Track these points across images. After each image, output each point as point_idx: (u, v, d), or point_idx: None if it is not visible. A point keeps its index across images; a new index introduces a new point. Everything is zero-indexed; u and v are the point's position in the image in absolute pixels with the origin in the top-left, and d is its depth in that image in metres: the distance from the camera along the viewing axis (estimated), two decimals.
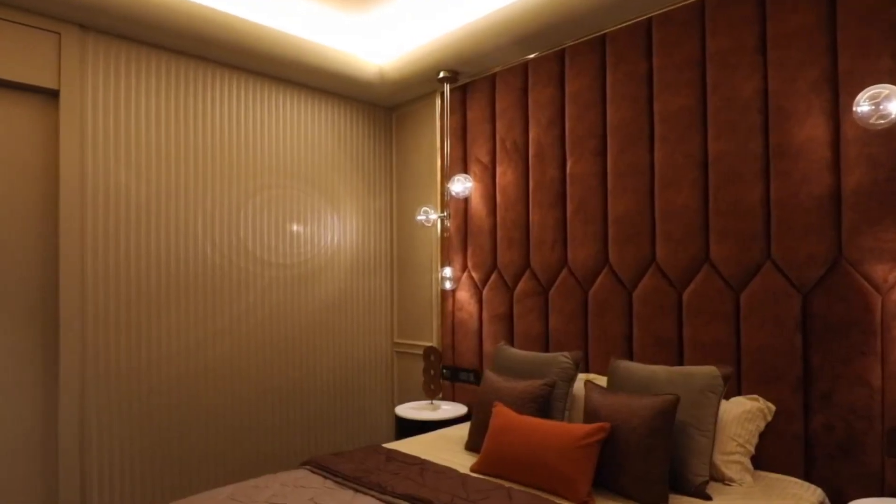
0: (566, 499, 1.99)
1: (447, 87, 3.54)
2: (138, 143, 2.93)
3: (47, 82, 2.68)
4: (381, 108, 4.09)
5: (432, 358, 3.38)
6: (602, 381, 2.66)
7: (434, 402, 3.41)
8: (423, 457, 2.44)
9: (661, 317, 2.63)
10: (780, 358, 2.27)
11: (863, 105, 1.92)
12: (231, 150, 3.29)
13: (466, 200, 3.55)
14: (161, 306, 2.99)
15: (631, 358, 2.73)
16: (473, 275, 3.50)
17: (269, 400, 3.41)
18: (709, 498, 2.01)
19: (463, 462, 2.43)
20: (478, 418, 2.58)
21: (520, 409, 2.42)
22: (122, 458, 2.84)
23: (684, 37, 2.58)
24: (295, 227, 3.58)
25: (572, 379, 2.60)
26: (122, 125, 2.89)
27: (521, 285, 3.23)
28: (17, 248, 2.65)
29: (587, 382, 2.32)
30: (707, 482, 2.05)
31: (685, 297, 2.56)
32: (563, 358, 2.62)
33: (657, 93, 2.67)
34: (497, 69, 3.38)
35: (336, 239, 3.79)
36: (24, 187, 2.68)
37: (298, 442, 3.54)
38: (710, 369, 2.19)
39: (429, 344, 3.75)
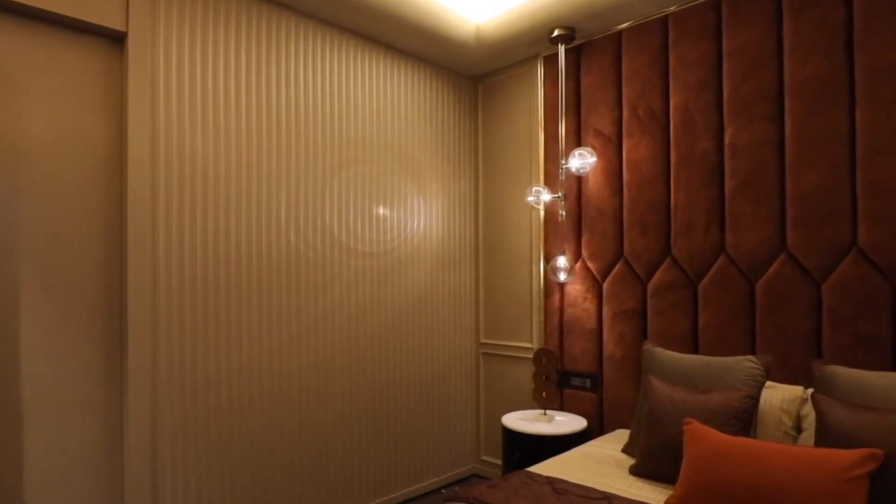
0: None
1: (562, 48, 3.06)
2: (216, 104, 2.42)
3: (112, 22, 2.16)
4: (467, 77, 3.61)
5: (545, 361, 2.90)
6: (787, 390, 2.21)
7: (547, 412, 2.94)
8: (597, 487, 1.97)
9: (865, 312, 2.17)
10: None
11: None
12: (315, 117, 2.78)
13: (580, 179, 3.07)
14: (242, 302, 2.48)
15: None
16: (590, 265, 3.02)
17: (356, 410, 2.91)
18: None
19: (647, 493, 1.96)
20: (653, 437, 2.11)
21: (717, 427, 1.96)
22: (200, 487, 2.33)
23: None
24: (381, 211, 3.08)
25: (761, 389, 2.14)
26: (199, 80, 2.38)
27: (657, 276, 2.76)
28: (75, 231, 2.13)
29: (818, 395, 1.86)
30: None
31: None
32: (750, 363, 2.16)
33: (860, 42, 2.21)
34: (624, 25, 2.90)
35: (422, 225, 3.30)
36: (83, 155, 2.16)
37: (385, 457, 3.04)
38: None
39: (526, 345, 3.28)
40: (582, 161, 2.90)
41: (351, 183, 2.93)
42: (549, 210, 3.19)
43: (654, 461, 2.08)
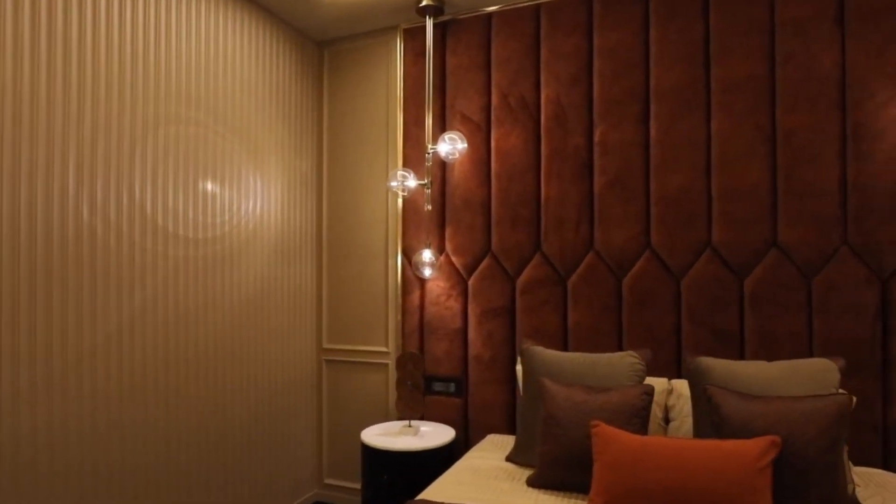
0: None
1: (430, 22, 2.78)
2: None
3: None
4: (311, 41, 3.10)
5: (411, 366, 2.60)
6: (655, 382, 2.29)
7: (412, 423, 2.63)
8: None
9: (719, 307, 2.36)
10: (861, 347, 2.17)
11: None
12: (123, 52, 2.05)
13: (444, 167, 2.84)
14: (2, 306, 1.67)
15: (679, 354, 2.41)
16: (454, 260, 2.81)
17: (174, 443, 2.23)
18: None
19: None
20: (554, 443, 1.95)
21: (621, 427, 1.89)
22: None
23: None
24: (210, 186, 2.43)
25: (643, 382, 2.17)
26: None
27: (527, 273, 2.67)
28: None
29: (711, 388, 1.90)
30: (854, 487, 1.81)
31: (748, 284, 2.32)
32: (632, 358, 2.17)
33: (716, 57, 2.39)
34: (494, 8, 2.76)
35: (258, 207, 2.72)
36: None
37: (212, 497, 2.40)
38: (825, 362, 1.97)
39: (381, 349, 2.94)
40: (452, 146, 2.67)
41: (170, 146, 2.24)
42: (408, 198, 2.89)
43: (557, 469, 1.94)
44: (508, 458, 2.22)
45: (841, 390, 1.90)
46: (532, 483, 1.98)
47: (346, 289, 3.04)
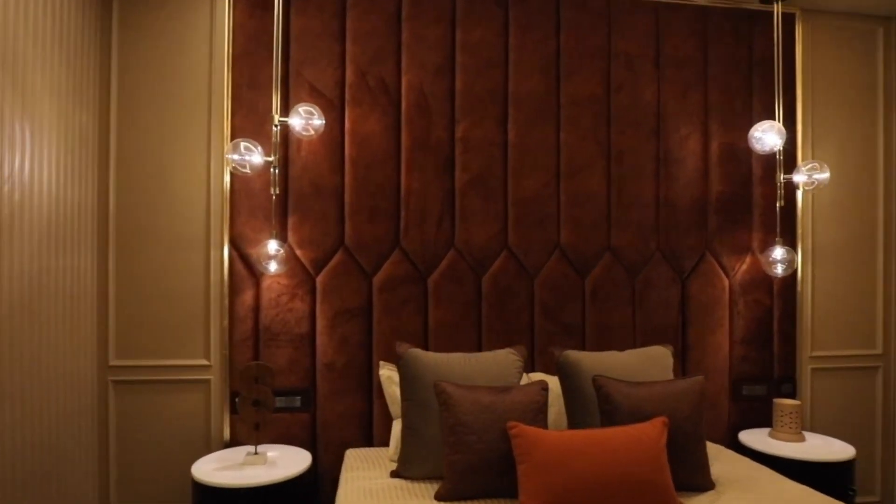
0: None
1: None
2: None
3: None
4: None
5: (259, 381, 2.12)
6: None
7: (258, 451, 2.14)
8: None
9: (566, 303, 2.56)
10: (669, 334, 2.62)
11: (758, 133, 2.50)
12: None
13: (287, 146, 2.42)
14: None
15: (533, 348, 2.54)
16: (300, 254, 2.41)
17: None
18: None
19: None
20: (468, 451, 1.81)
21: (529, 424, 1.87)
22: None
23: (594, 26, 2.63)
24: None
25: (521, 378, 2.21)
26: None
27: (386, 269, 2.46)
28: None
29: (600, 378, 2.02)
30: None
31: (589, 282, 2.59)
32: (513, 356, 2.20)
33: (565, 74, 2.61)
34: None
35: (28, 169, 1.86)
36: None
37: None
38: (662, 349, 2.33)
39: (200, 362, 2.34)
40: (306, 121, 2.28)
41: None
42: (240, 178, 2.37)
43: (471, 478, 1.80)
44: (395, 474, 1.99)
45: None
46: (443, 497, 1.81)
47: (146, 289, 2.32)
